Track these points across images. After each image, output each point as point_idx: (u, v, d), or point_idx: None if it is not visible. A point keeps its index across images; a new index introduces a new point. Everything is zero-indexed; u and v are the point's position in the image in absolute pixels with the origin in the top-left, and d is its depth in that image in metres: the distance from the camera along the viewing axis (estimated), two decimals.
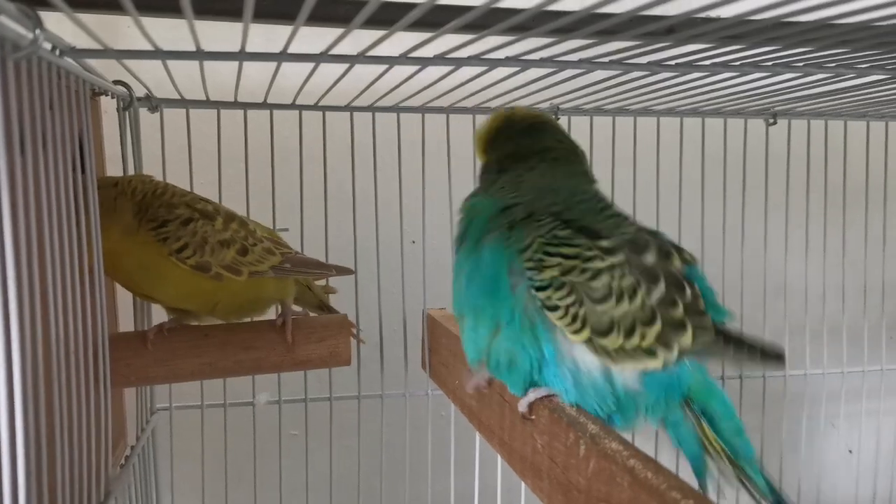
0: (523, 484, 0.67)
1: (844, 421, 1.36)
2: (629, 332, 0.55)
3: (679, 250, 0.61)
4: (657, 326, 0.56)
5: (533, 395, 0.62)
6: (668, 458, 0.63)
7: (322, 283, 0.98)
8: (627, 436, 0.55)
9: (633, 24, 0.56)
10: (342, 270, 0.89)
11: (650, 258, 0.57)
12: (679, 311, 0.57)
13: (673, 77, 0.78)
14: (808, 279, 1.16)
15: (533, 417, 0.63)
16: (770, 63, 0.72)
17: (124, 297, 0.92)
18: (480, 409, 0.78)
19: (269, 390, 1.03)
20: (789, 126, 1.11)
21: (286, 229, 0.92)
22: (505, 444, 0.71)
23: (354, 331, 0.90)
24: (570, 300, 0.56)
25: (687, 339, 0.56)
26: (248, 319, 0.87)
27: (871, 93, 0.89)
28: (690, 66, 0.71)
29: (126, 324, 0.95)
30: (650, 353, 0.56)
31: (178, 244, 0.75)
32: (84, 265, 0.63)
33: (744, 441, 0.60)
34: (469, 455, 1.04)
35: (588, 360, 0.57)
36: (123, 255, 0.74)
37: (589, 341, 0.56)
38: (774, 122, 1.08)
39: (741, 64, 0.72)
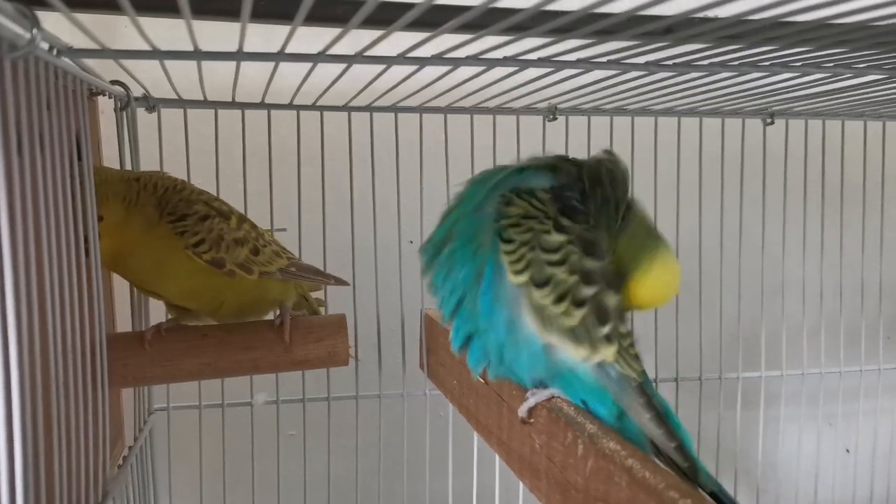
0: (521, 484, 0.67)
1: (842, 420, 1.37)
2: (559, 298, 0.57)
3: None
4: (583, 311, 0.57)
5: (533, 399, 0.62)
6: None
7: (316, 295, 0.98)
8: None
9: (631, 24, 0.56)
10: (339, 281, 0.91)
11: (596, 265, 0.59)
12: (606, 326, 0.58)
13: (671, 77, 0.78)
14: (806, 279, 1.16)
15: (532, 421, 0.63)
16: (768, 63, 0.72)
17: (122, 298, 0.92)
18: (478, 408, 0.78)
19: (268, 390, 1.03)
20: (787, 126, 1.11)
21: (284, 229, 0.92)
22: (503, 444, 0.71)
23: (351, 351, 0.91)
24: (525, 237, 0.58)
25: (609, 351, 0.58)
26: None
27: (868, 92, 0.89)
28: (688, 66, 0.71)
29: (124, 324, 0.95)
30: (576, 337, 0.58)
31: (195, 238, 0.75)
32: (83, 264, 0.63)
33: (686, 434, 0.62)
34: (467, 455, 1.04)
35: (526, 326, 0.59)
36: (141, 248, 0.75)
37: (525, 285, 0.58)
38: (772, 122, 1.09)
39: (739, 64, 0.72)
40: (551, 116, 1.02)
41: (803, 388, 1.21)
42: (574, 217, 0.60)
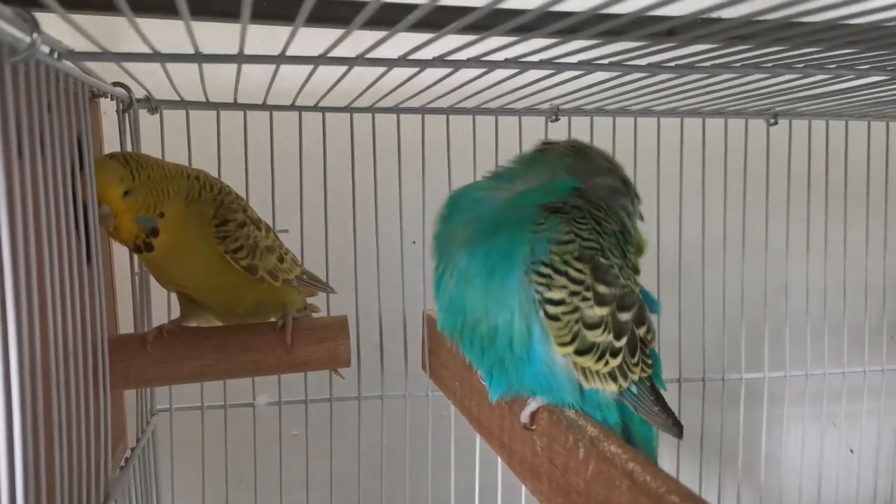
0: (523, 485, 0.67)
1: (845, 420, 1.36)
2: (600, 358, 0.60)
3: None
4: (619, 360, 0.61)
5: (535, 403, 0.62)
6: (668, 462, 0.63)
7: (310, 300, 0.99)
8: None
9: (635, 26, 0.56)
10: (328, 289, 0.95)
11: (628, 315, 0.62)
12: (636, 356, 0.63)
13: (673, 78, 0.78)
14: (809, 279, 1.16)
15: (534, 427, 0.63)
16: (770, 64, 0.72)
17: (124, 300, 0.92)
18: (480, 410, 0.78)
19: (270, 391, 1.02)
20: (790, 126, 1.11)
21: (286, 230, 0.92)
22: (505, 447, 0.71)
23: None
24: (571, 317, 0.59)
25: (636, 375, 0.63)
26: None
27: (872, 93, 0.89)
28: (690, 68, 0.71)
29: (126, 326, 0.95)
30: (612, 378, 0.62)
31: (235, 245, 0.78)
32: (84, 266, 0.63)
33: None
34: (469, 456, 1.04)
35: (563, 370, 0.61)
36: (186, 245, 0.76)
37: (568, 356, 0.60)
38: (775, 123, 1.08)
39: (742, 65, 0.72)
40: (554, 117, 1.02)
41: (807, 388, 1.20)
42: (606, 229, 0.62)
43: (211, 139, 0.94)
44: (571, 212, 0.61)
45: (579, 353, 0.59)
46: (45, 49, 0.56)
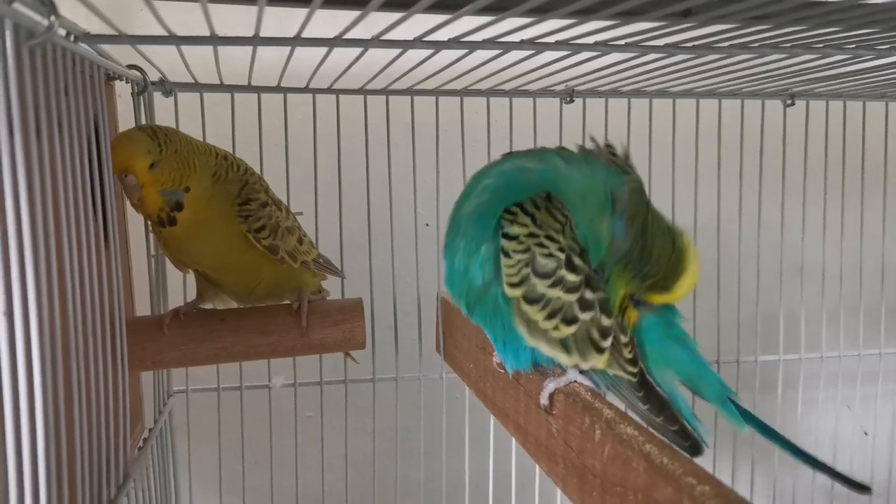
0: (538, 466, 0.67)
1: (860, 403, 1.36)
2: (550, 315, 0.59)
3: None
4: (572, 329, 0.59)
5: (553, 384, 0.62)
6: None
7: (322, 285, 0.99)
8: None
9: (652, 7, 0.56)
10: (341, 275, 0.96)
11: (593, 295, 0.60)
12: (604, 341, 0.60)
13: (690, 59, 0.77)
14: (826, 261, 1.15)
15: (554, 413, 0.63)
16: (788, 45, 0.71)
17: (141, 282, 0.93)
18: (494, 392, 0.78)
19: (285, 373, 1.03)
20: (807, 107, 1.09)
21: (301, 213, 0.92)
22: (520, 428, 0.71)
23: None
24: (522, 257, 0.59)
25: (599, 362, 0.60)
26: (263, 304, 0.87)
27: (891, 73, 0.87)
28: (707, 49, 0.70)
29: (142, 308, 0.95)
30: (565, 347, 0.60)
31: (257, 224, 0.78)
32: (102, 248, 0.64)
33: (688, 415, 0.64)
34: (483, 437, 1.04)
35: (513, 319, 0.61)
36: (209, 223, 0.76)
37: (518, 300, 0.60)
38: (792, 104, 1.07)
39: (759, 45, 0.71)
40: (568, 99, 1.01)
41: (822, 370, 1.20)
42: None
43: (225, 122, 0.94)
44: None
45: (526, 299, 0.59)
46: (62, 32, 0.56)
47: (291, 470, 1.04)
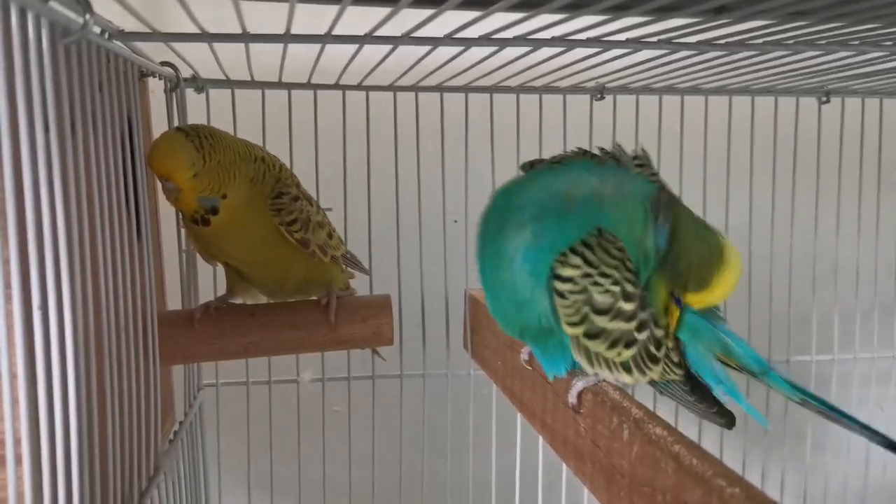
0: (565, 465, 0.67)
1: (893, 405, 1.33)
2: (612, 345, 0.59)
3: None
4: (633, 351, 0.60)
5: (581, 383, 0.62)
6: (712, 446, 0.63)
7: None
8: (671, 421, 0.55)
9: (685, 3, 0.55)
10: (367, 271, 0.97)
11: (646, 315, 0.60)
12: (659, 351, 0.61)
13: (722, 55, 0.76)
14: (860, 260, 1.13)
15: (582, 411, 0.63)
16: (824, 42, 0.70)
17: (172, 277, 0.94)
18: (522, 390, 0.78)
19: (313, 368, 1.04)
20: (843, 104, 1.08)
21: (330, 209, 0.93)
22: (547, 427, 0.71)
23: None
24: (578, 297, 0.58)
25: (655, 374, 0.62)
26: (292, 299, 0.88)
27: None
28: (741, 45, 0.70)
29: (173, 303, 0.97)
30: (626, 369, 0.61)
31: (289, 217, 0.79)
32: (135, 243, 0.65)
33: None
34: (511, 435, 1.04)
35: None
36: (247, 221, 0.77)
37: (578, 337, 0.60)
38: (827, 101, 1.05)
39: (794, 42, 0.70)
40: (599, 96, 1.00)
41: (855, 371, 1.18)
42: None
43: (256, 118, 0.94)
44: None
45: (587, 335, 0.59)
46: (97, 30, 0.57)
47: (319, 464, 1.05)
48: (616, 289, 0.58)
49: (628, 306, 0.58)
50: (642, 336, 0.60)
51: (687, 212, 0.62)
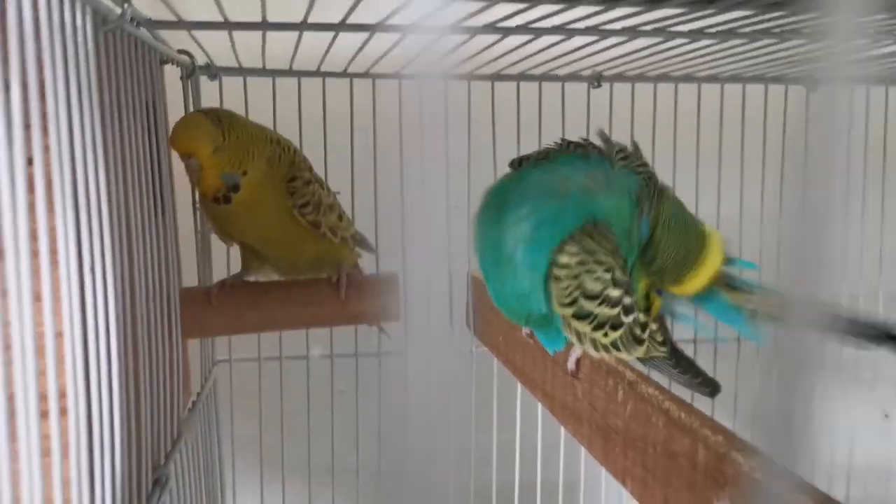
0: (562, 437, 0.71)
1: (881, 385, 1.37)
2: (598, 327, 0.62)
3: None
4: (619, 333, 0.63)
5: (580, 350, 0.66)
6: (703, 403, 0.67)
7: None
8: (664, 383, 0.59)
9: None
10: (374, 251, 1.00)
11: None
12: (643, 333, 0.64)
13: (714, 44, 0.80)
14: (849, 248, 1.17)
15: (580, 377, 0.67)
16: (808, 31, 0.74)
17: (188, 257, 0.98)
18: (524, 363, 0.82)
19: (322, 345, 1.08)
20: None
21: (339, 192, 0.96)
22: (547, 394, 0.76)
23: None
24: (572, 282, 0.62)
25: (640, 353, 0.65)
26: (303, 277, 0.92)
27: None
28: (731, 34, 0.74)
29: (189, 282, 1.00)
30: (614, 348, 0.64)
31: (302, 200, 0.83)
32: (160, 222, 0.69)
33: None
34: (510, 410, 1.08)
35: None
36: (265, 201, 0.81)
37: (567, 317, 0.63)
38: (815, 90, 1.10)
39: (781, 31, 0.74)
40: (596, 83, 1.04)
41: (842, 351, 1.22)
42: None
43: (267, 104, 0.98)
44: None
45: (576, 316, 0.63)
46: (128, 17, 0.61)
47: (328, 439, 1.09)
48: (607, 276, 0.61)
49: (616, 293, 0.62)
50: (628, 319, 0.63)
51: (671, 202, 0.66)
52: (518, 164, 0.70)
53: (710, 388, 0.69)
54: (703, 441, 0.47)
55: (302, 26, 0.66)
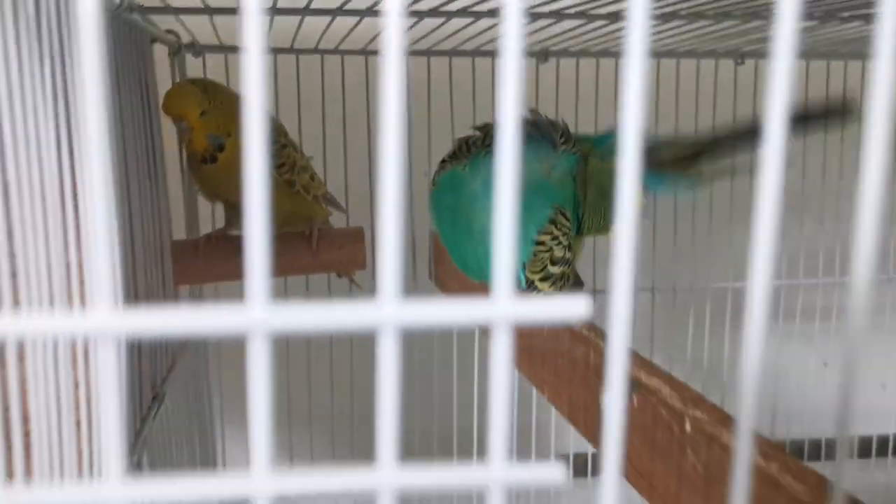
0: (533, 393, 0.83)
1: (819, 334, 1.47)
2: (553, 283, 0.76)
3: None
4: (561, 283, 0.77)
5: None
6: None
7: None
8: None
9: None
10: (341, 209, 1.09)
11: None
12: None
13: (657, 24, 0.91)
14: (825, 196, 1.28)
15: None
16: (740, 13, 0.86)
17: (177, 214, 1.09)
18: None
19: (298, 296, 1.18)
20: (756, 66, 1.22)
21: (312, 157, 1.07)
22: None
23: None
24: (545, 255, 0.75)
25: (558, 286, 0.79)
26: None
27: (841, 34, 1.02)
28: (672, 16, 0.85)
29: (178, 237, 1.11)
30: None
31: (278, 161, 0.93)
32: (154, 182, 0.80)
33: None
34: (469, 357, 1.20)
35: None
36: (240, 161, 0.91)
37: (533, 281, 0.76)
38: (742, 63, 1.20)
39: (715, 13, 0.86)
40: (544, 59, 1.15)
41: (781, 301, 1.33)
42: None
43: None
44: None
45: (542, 280, 0.76)
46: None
47: (305, 390, 1.20)
48: (567, 242, 0.75)
49: (569, 255, 0.76)
50: (568, 270, 0.77)
51: (597, 171, 0.78)
52: (466, 147, 0.80)
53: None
54: (594, 348, 0.59)
55: (272, 11, 0.77)
